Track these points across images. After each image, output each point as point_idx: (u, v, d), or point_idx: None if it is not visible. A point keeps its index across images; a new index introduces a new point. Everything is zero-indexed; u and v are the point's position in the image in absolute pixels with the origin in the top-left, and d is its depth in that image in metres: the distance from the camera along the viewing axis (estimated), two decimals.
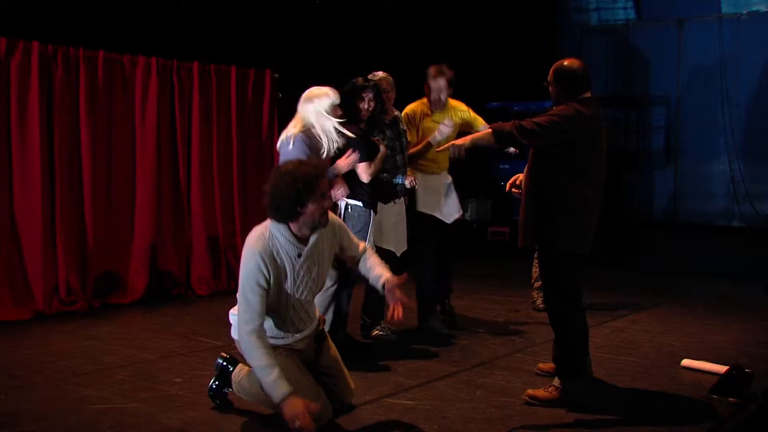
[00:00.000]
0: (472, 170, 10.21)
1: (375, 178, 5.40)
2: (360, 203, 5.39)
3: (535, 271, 6.74)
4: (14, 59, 6.48)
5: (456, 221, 6.23)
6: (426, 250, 6.10)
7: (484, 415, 4.15)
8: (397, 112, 5.92)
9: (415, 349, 5.58)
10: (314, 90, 5.03)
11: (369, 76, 5.58)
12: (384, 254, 5.30)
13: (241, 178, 8.18)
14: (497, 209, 11.79)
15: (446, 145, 4.56)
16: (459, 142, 4.41)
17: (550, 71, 4.43)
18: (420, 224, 6.12)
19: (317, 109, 4.94)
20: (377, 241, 5.61)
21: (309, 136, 4.92)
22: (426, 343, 5.75)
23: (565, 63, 4.40)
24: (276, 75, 8.51)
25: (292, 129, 4.97)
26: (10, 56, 6.46)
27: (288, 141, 4.91)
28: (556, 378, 4.37)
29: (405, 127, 5.91)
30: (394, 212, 5.84)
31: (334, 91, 5.05)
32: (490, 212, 11.89)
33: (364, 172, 5.29)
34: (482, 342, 5.84)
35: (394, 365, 5.11)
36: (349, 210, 5.37)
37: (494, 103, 12.00)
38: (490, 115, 12.14)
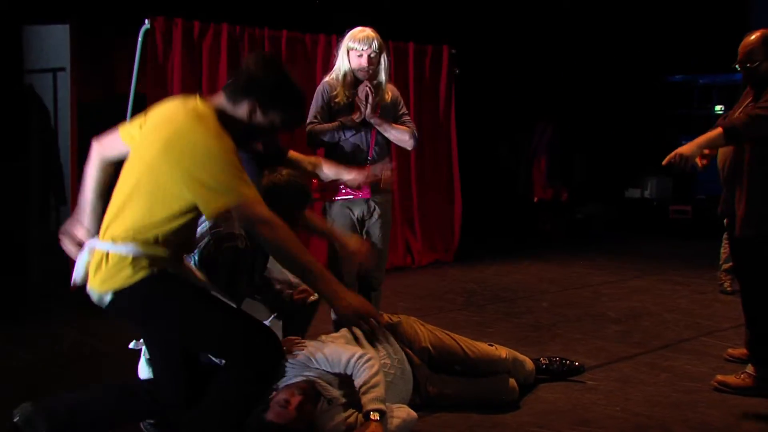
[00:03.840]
0: (652, 146, 9.82)
1: None
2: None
3: (724, 252, 6.38)
4: (206, 41, 6.80)
5: None
6: None
7: (669, 399, 4.01)
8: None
9: (594, 329, 5.47)
10: None
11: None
12: None
13: (418, 155, 8.21)
14: (679, 187, 11.27)
15: (670, 156, 3.82)
16: (686, 152, 3.80)
17: (747, 50, 3.97)
18: None
19: None
20: None
21: None
22: (605, 323, 5.64)
23: (762, 32, 4.06)
24: (453, 51, 8.49)
25: None
26: (202, 39, 6.79)
27: None
28: (750, 365, 4.14)
29: None
30: None
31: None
32: (671, 189, 11.39)
33: None
34: (665, 324, 5.63)
35: (573, 345, 5.04)
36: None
37: (677, 77, 11.42)
38: (671, 89, 11.66)
